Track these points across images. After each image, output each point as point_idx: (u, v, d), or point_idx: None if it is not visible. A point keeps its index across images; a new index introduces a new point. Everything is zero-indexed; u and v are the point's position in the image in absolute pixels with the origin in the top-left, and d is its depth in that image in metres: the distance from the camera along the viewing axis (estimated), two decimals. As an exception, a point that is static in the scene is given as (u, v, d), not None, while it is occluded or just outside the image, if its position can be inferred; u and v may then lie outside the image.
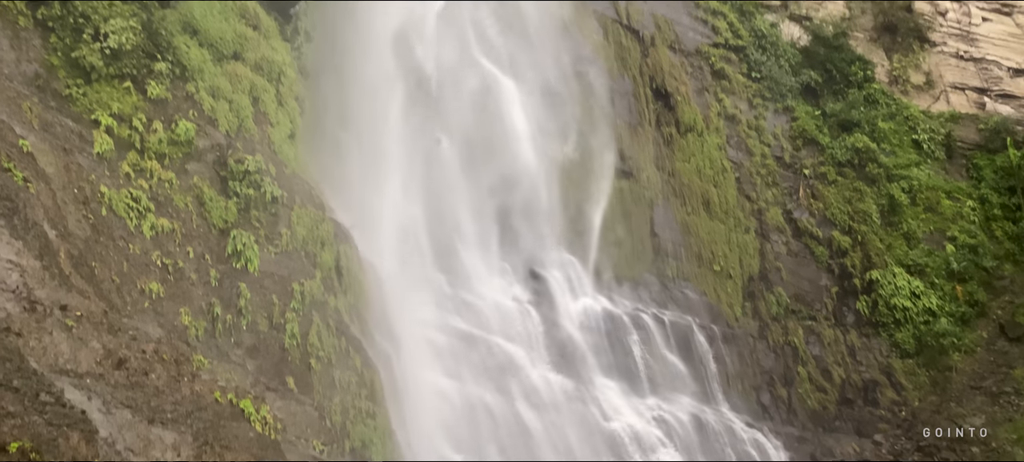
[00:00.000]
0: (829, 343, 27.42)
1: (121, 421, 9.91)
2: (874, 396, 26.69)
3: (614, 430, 22.22)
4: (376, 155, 21.44)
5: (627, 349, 24.85)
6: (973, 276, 29.02)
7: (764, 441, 24.27)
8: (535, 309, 23.86)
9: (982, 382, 26.40)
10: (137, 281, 12.68)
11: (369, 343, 16.87)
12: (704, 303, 27.24)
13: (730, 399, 25.50)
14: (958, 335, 27.36)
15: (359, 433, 15.41)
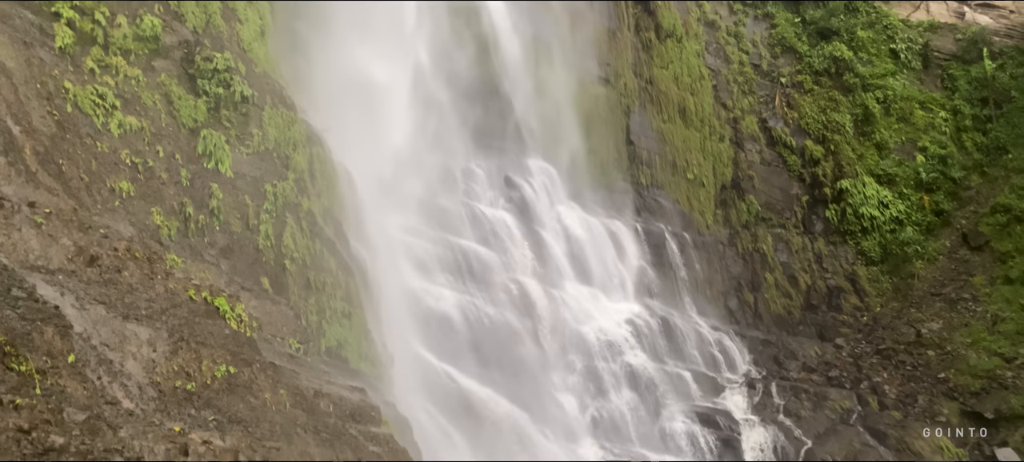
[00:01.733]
0: (797, 250, 28.02)
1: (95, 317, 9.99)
2: (838, 302, 27.48)
3: (585, 333, 22.78)
4: (350, 61, 21.09)
5: (600, 255, 25.24)
6: (941, 186, 29.52)
7: (729, 343, 25.03)
8: (510, 216, 24.04)
9: (942, 289, 27.21)
10: (106, 179, 12.57)
11: (343, 246, 16.96)
12: (677, 211, 27.57)
13: (698, 304, 26.15)
14: (922, 243, 28.03)
15: (335, 333, 15.66)
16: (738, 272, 27.31)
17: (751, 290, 27.18)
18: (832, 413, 22.98)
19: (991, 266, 27.13)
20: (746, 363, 24.79)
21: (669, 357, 23.83)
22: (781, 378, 24.26)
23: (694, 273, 26.48)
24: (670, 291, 25.91)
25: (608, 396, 22.09)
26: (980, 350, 24.54)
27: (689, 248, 26.66)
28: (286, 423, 11.04)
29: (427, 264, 21.32)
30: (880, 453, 21.32)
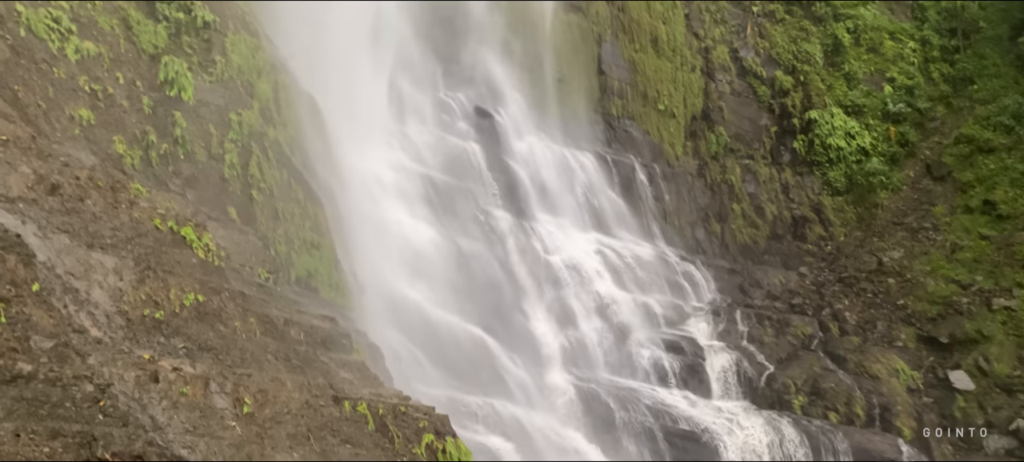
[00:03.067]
0: (764, 181, 28.35)
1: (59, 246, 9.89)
2: (803, 231, 27.98)
3: (555, 263, 23.01)
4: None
5: (570, 186, 25.34)
6: (907, 117, 29.88)
7: (695, 273, 25.46)
8: (480, 147, 23.97)
9: (904, 218, 27.79)
10: (65, 107, 12.29)
11: (311, 176, 16.85)
12: (647, 142, 27.67)
13: (666, 234, 26.48)
14: (887, 174, 28.49)
15: (304, 263, 15.67)
16: (706, 203, 27.62)
17: (718, 220, 27.56)
18: (794, 339, 23.62)
19: (952, 196, 27.71)
20: (712, 291, 25.28)
21: (637, 286, 24.20)
22: (746, 306, 24.80)
23: (663, 204, 26.75)
24: (639, 222, 26.18)
25: (577, 325, 22.46)
26: (938, 277, 25.23)
27: (658, 179, 26.86)
28: (257, 350, 11.12)
29: (397, 195, 21.29)
30: (839, 377, 22.03)
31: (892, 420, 21.08)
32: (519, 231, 22.99)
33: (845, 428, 20.82)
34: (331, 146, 18.43)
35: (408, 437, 11.48)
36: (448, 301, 20.05)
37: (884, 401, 21.41)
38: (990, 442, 20.55)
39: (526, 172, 24.24)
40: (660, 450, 19.72)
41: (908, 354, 23.14)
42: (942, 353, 22.99)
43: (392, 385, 14.28)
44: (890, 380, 22.06)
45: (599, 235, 25.16)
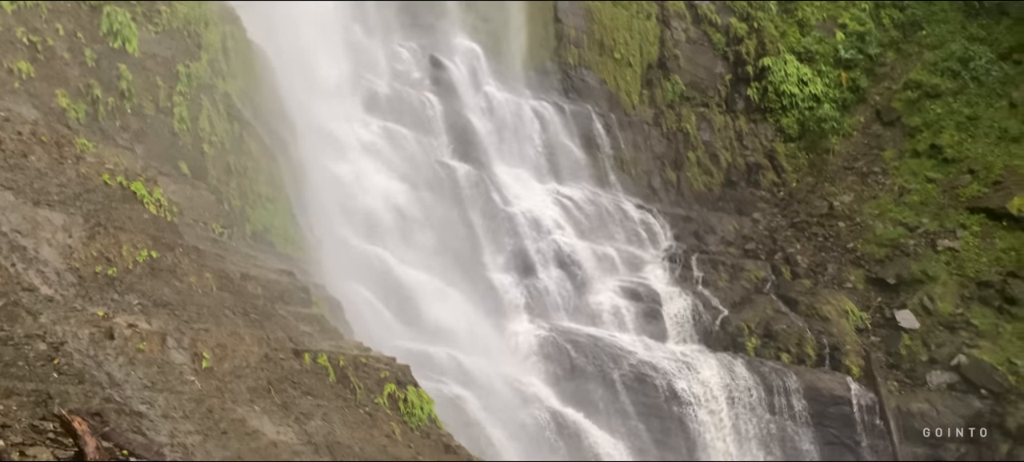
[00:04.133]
0: (719, 129, 28.65)
1: (3, 203, 9.64)
2: (756, 178, 28.42)
3: (514, 214, 23.09)
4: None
5: (528, 136, 25.32)
6: (858, 63, 30.27)
7: (652, 220, 25.77)
8: (437, 97, 23.76)
9: (854, 163, 28.38)
10: (3, 60, 11.85)
11: (264, 129, 16.57)
12: (604, 91, 27.69)
13: (623, 183, 26.69)
14: (838, 120, 28.97)
15: (259, 217, 15.50)
16: (662, 151, 27.85)
17: (674, 168, 27.84)
18: (748, 283, 24.16)
19: (900, 140, 28.34)
20: (668, 239, 25.64)
21: (595, 235, 24.43)
22: (701, 252, 25.23)
23: (620, 153, 26.90)
24: (597, 171, 26.32)
25: (537, 274, 22.65)
26: (886, 220, 25.92)
27: (615, 128, 26.96)
28: (214, 306, 11.04)
29: (352, 147, 21.08)
30: (791, 319, 22.64)
31: (841, 359, 21.79)
32: (478, 182, 22.97)
33: (796, 368, 21.48)
34: (283, 98, 18.11)
35: (370, 387, 11.57)
36: (407, 253, 20.06)
37: (834, 341, 22.08)
38: (933, 377, 21.38)
39: (483, 123, 24.14)
40: (618, 394, 20.15)
41: (857, 295, 23.82)
42: (889, 294, 23.70)
43: (352, 337, 14.31)
44: (840, 321, 22.73)
45: (557, 185, 25.26)
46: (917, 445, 20.42)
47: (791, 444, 20.60)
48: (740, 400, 20.74)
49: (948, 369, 21.36)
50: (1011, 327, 21.90)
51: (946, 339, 21.98)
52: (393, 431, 11.08)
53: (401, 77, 23.68)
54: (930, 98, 28.50)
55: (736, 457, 20.49)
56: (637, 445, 19.84)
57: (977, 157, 26.67)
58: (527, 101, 25.55)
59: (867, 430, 20.64)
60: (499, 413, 17.88)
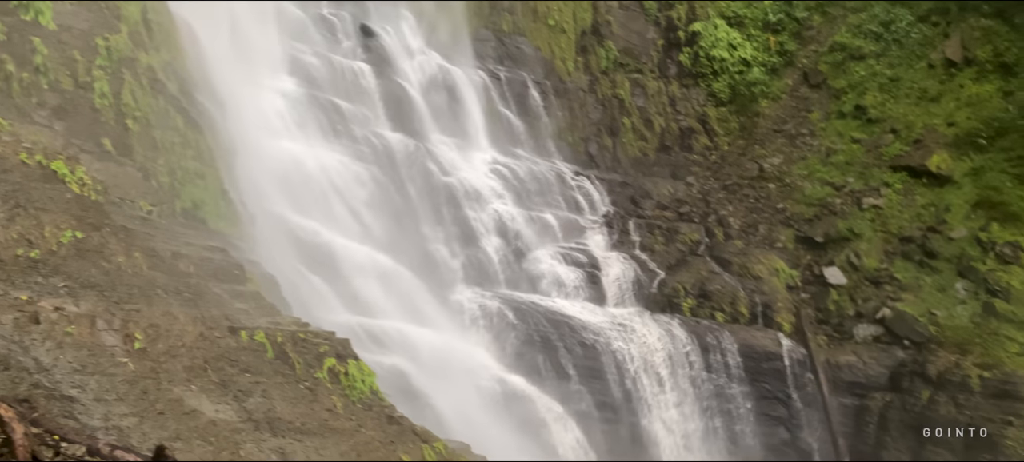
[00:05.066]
0: (653, 94, 28.97)
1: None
2: (689, 142, 28.90)
3: (452, 183, 23.00)
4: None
5: (463, 105, 25.16)
6: (786, 27, 30.89)
7: (590, 187, 26.02)
8: (369, 66, 23.37)
9: (783, 126, 29.09)
10: (-96, 35, 11.19)
11: (190, 103, 16.07)
12: (538, 58, 27.67)
13: (561, 150, 26.84)
14: (767, 83, 29.61)
15: (189, 194, 15.09)
16: (598, 118, 28.05)
17: (610, 135, 28.09)
18: (683, 245, 24.66)
19: (827, 102, 29.13)
20: (606, 204, 25.94)
21: (534, 203, 24.55)
22: (637, 216, 25.62)
23: (556, 120, 26.99)
24: (534, 139, 26.38)
25: (478, 243, 22.68)
26: (814, 181, 26.70)
27: (551, 95, 27.01)
28: (145, 286, 10.75)
29: (283, 120, 20.63)
30: (725, 279, 23.23)
31: (773, 316, 22.49)
32: (414, 153, 22.78)
33: (731, 326, 22.09)
34: (209, 71, 17.58)
35: (309, 362, 11.46)
36: (344, 226, 19.82)
37: (766, 299, 22.75)
38: (859, 330, 22.24)
39: (418, 92, 23.88)
40: (561, 358, 20.43)
41: (787, 254, 24.54)
42: (817, 251, 24.47)
43: (290, 313, 14.13)
44: (771, 279, 23.41)
45: (495, 154, 25.25)
46: (845, 396, 21.28)
47: (727, 399, 21.25)
48: (678, 359, 21.26)
49: (873, 322, 22.22)
50: (931, 280, 22.90)
51: (871, 293, 22.83)
52: (334, 405, 11.02)
53: (331, 45, 23.20)
54: (854, 60, 29.34)
55: (676, 414, 21.03)
56: (580, 408, 20.20)
57: (899, 117, 27.63)
58: (462, 69, 25.36)
59: (798, 383, 21.42)
60: (444, 383, 17.94)
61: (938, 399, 19.89)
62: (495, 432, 17.93)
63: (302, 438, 9.69)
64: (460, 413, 17.24)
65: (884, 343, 21.74)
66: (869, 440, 20.73)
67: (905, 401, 20.49)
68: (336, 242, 19.08)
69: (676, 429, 21.02)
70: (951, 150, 25.78)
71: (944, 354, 20.47)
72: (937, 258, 23.23)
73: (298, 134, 20.55)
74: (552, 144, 26.73)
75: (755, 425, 21.20)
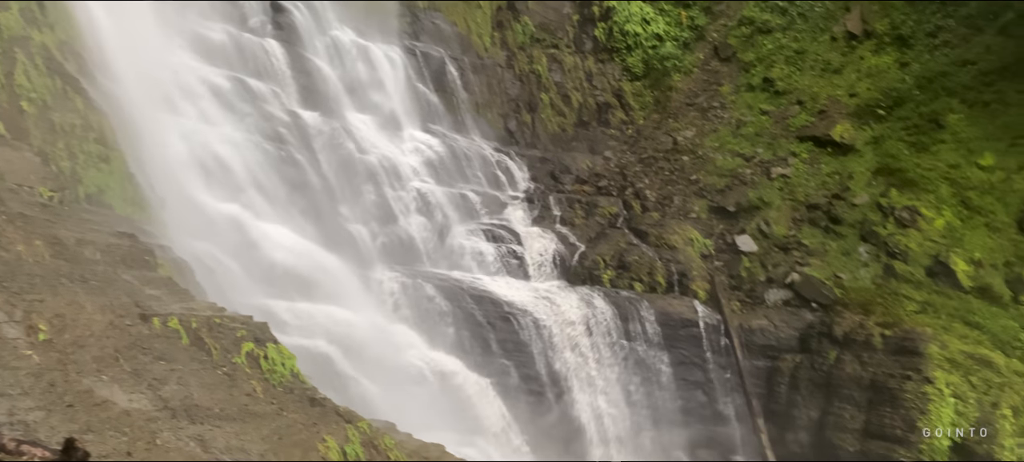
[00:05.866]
0: (569, 70, 29.22)
1: None
2: (606, 117, 29.31)
3: (370, 162, 22.70)
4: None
5: (380, 82, 24.80)
6: (697, 2, 31.59)
7: (510, 163, 26.13)
8: (280, 43, 22.73)
9: (695, 99, 29.82)
10: None
11: (91, 83, 15.33)
12: (455, 34, 27.50)
13: (480, 127, 26.81)
14: (680, 58, 30.26)
15: (93, 178, 14.44)
16: (516, 94, 28.11)
17: (529, 110, 28.22)
18: (602, 219, 25.08)
19: (736, 75, 30.00)
20: (526, 180, 26.11)
21: (454, 180, 24.49)
22: (558, 191, 25.89)
23: (474, 96, 26.93)
24: (452, 115, 26.27)
25: (398, 221, 22.50)
26: (725, 152, 27.51)
27: (469, 72, 26.91)
28: (47, 274, 10.26)
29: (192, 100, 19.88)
30: (642, 250, 23.75)
31: (689, 284, 23.14)
32: (330, 131, 22.35)
33: (649, 296, 22.64)
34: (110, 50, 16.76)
35: (226, 348, 11.18)
36: (260, 208, 19.32)
37: (681, 268, 23.38)
38: (770, 295, 23.13)
39: (333, 69, 23.39)
40: (485, 334, 20.54)
41: (701, 224, 25.25)
42: (730, 221, 25.26)
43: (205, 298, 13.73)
44: (686, 249, 24.06)
45: (413, 131, 25.02)
46: (758, 358, 22.13)
47: (647, 366, 21.82)
48: (599, 330, 21.67)
49: (783, 287, 23.10)
50: (836, 244, 23.96)
51: (781, 259, 23.71)
52: (255, 389, 10.81)
53: (238, 22, 22.45)
54: (762, 34, 30.28)
55: (598, 383, 21.47)
56: (506, 382, 20.38)
57: (804, 89, 28.69)
58: (377, 45, 24.95)
59: (714, 348, 22.16)
60: (368, 363, 17.80)
61: (844, 358, 20.87)
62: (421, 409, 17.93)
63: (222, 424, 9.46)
64: (385, 392, 17.15)
65: (793, 306, 22.63)
66: (781, 399, 21.65)
67: (814, 361, 21.43)
68: (251, 224, 18.60)
69: (599, 398, 21.47)
70: (853, 120, 26.96)
71: (849, 315, 21.48)
72: (841, 224, 24.31)
73: (207, 114, 19.87)
74: (471, 120, 26.68)
75: (674, 390, 21.86)
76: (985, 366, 19.82)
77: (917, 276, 22.73)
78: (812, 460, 20.78)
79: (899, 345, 20.29)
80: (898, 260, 23.07)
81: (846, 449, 20.23)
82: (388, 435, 12.53)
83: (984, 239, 23.13)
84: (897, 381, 19.91)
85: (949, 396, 19.46)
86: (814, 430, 20.91)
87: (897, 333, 20.49)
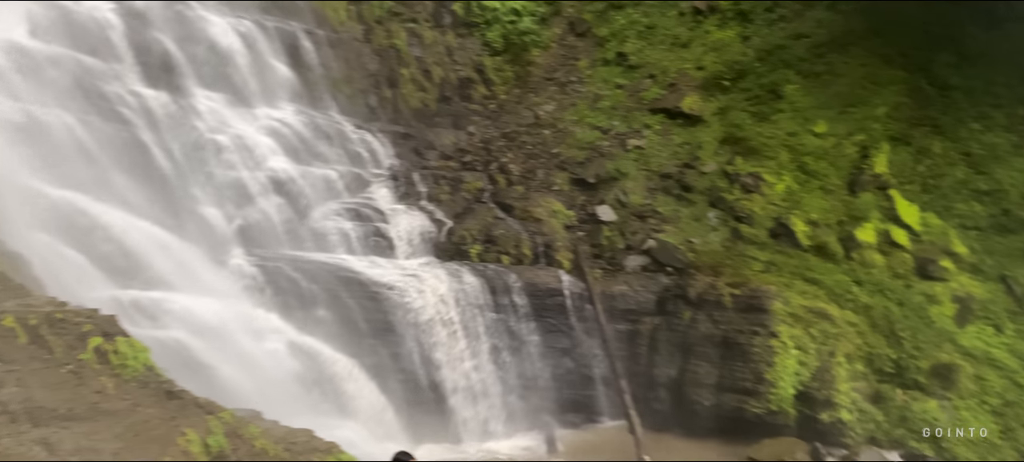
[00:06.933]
0: (429, 44, 28.97)
1: None
2: (468, 92, 29.33)
3: (221, 142, 21.68)
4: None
5: (228, 57, 23.65)
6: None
7: (372, 140, 25.67)
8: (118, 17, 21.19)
9: (554, 74, 30.38)
10: None
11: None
12: (308, 7, 26.59)
13: (339, 103, 26.12)
14: (537, 33, 30.66)
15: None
16: (375, 69, 27.59)
17: (389, 86, 27.78)
18: (468, 194, 25.17)
19: (592, 50, 30.79)
20: (390, 157, 25.76)
21: (314, 159, 23.83)
22: (422, 168, 25.73)
23: (332, 72, 26.17)
24: (309, 92, 25.44)
25: (255, 203, 21.68)
26: (584, 125, 28.25)
27: (325, 46, 26.11)
28: None
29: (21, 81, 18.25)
30: (508, 223, 24.07)
31: (554, 255, 23.69)
32: (177, 110, 21.16)
33: (516, 268, 23.00)
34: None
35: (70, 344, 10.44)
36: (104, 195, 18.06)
37: (546, 240, 23.89)
38: (629, 261, 24.04)
39: (177, 45, 22.04)
40: (352, 314, 20.21)
41: (563, 196, 25.85)
42: (590, 192, 26.00)
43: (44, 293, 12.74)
44: (550, 221, 24.59)
45: (268, 109, 24.06)
46: (620, 322, 23.00)
47: (516, 336, 22.21)
48: (469, 304, 21.82)
49: (641, 253, 24.08)
50: (687, 211, 25.21)
51: (638, 227, 24.70)
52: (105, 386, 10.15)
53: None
54: (615, 9, 31.20)
55: (468, 357, 21.65)
56: (375, 362, 20.18)
57: (655, 63, 29.86)
58: (225, 19, 23.71)
59: (579, 315, 22.84)
60: (230, 351, 17.16)
61: (698, 318, 22.07)
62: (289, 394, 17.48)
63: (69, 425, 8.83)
64: (250, 379, 16.60)
65: (651, 271, 23.65)
66: (642, 360, 22.64)
67: (671, 322, 22.54)
68: (94, 211, 17.37)
69: (470, 371, 21.68)
70: (701, 92, 28.35)
71: (701, 277, 22.69)
72: (692, 191, 25.59)
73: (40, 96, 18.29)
74: (329, 97, 25.95)
75: (543, 359, 22.38)
76: (822, 319, 21.53)
77: (761, 238, 24.32)
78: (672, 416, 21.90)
79: (747, 303, 21.66)
80: (744, 223, 24.57)
81: (702, 404, 21.47)
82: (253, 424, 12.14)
83: (819, 201, 25.05)
84: (746, 337, 21.28)
85: (792, 348, 21.02)
86: (673, 387, 22.03)
87: (745, 292, 21.85)
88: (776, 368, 20.78)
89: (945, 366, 20.97)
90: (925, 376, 20.91)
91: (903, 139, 26.09)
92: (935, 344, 21.56)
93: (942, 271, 23.50)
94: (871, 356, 21.19)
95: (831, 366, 20.76)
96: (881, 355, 21.19)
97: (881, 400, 20.73)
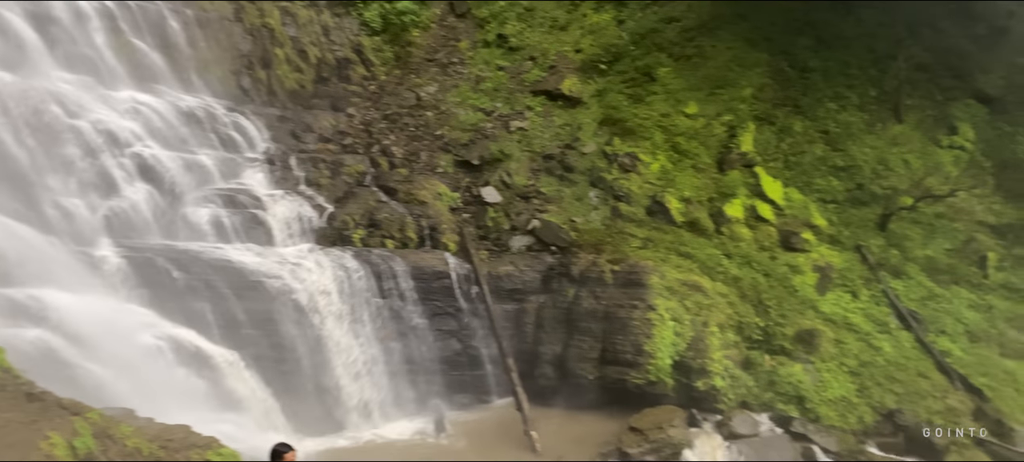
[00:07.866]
0: (304, 24, 28.14)
1: None
2: (347, 73, 28.73)
3: (81, 127, 20.33)
4: None
5: (89, 38, 22.20)
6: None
7: (246, 123, 24.73)
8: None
9: (435, 55, 30.21)
10: None
11: None
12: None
13: (210, 85, 25.00)
14: (417, 13, 30.38)
15: None
16: (248, 49, 26.54)
17: (263, 67, 26.82)
18: (349, 178, 24.70)
19: (473, 32, 30.80)
20: (265, 141, 24.90)
21: (183, 143, 22.75)
22: (300, 151, 25.04)
23: (201, 52, 24.99)
24: (177, 74, 24.21)
25: (121, 192, 20.50)
26: (467, 107, 28.29)
27: (193, 25, 24.88)
28: None
29: None
30: (392, 207, 23.83)
31: (440, 238, 23.66)
32: (29, 95, 19.65)
33: (401, 252, 22.83)
34: None
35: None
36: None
37: (432, 223, 23.82)
38: (514, 242, 24.34)
39: (29, 23, 20.46)
40: (229, 305, 19.52)
41: (448, 178, 25.83)
42: (474, 174, 26.11)
43: None
44: (435, 203, 24.53)
45: (133, 92, 22.73)
46: (507, 302, 23.28)
47: (403, 321, 22.07)
48: (353, 290, 21.48)
49: (525, 233, 24.43)
50: (570, 191, 25.75)
51: (523, 208, 25.02)
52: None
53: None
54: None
55: (354, 344, 21.35)
56: (255, 352, 19.58)
57: (535, 45, 30.22)
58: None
59: (466, 296, 22.93)
60: (99, 348, 16.25)
61: (581, 294, 22.63)
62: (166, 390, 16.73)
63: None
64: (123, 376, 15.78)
65: (536, 251, 24.05)
66: (528, 338, 23.02)
67: (555, 300, 23.01)
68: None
69: (356, 358, 21.40)
70: (580, 75, 28.94)
71: (584, 255, 23.27)
72: (574, 171, 26.14)
73: None
74: (198, 79, 24.77)
75: (430, 341, 22.34)
76: (696, 291, 22.54)
77: (639, 215, 25.17)
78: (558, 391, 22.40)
79: (626, 278, 22.38)
80: (623, 202, 25.35)
81: (586, 377, 22.07)
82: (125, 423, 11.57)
83: (692, 179, 26.15)
84: (626, 311, 22.00)
85: (669, 320, 21.90)
86: (558, 363, 22.52)
87: (624, 268, 22.58)
88: (654, 340, 21.60)
89: (808, 332, 22.43)
90: (790, 342, 22.29)
91: (767, 119, 27.59)
92: (799, 311, 23.02)
93: (804, 243, 25.09)
94: (741, 325, 22.37)
95: (705, 336, 21.77)
96: (750, 323, 22.41)
97: (751, 366, 21.95)
